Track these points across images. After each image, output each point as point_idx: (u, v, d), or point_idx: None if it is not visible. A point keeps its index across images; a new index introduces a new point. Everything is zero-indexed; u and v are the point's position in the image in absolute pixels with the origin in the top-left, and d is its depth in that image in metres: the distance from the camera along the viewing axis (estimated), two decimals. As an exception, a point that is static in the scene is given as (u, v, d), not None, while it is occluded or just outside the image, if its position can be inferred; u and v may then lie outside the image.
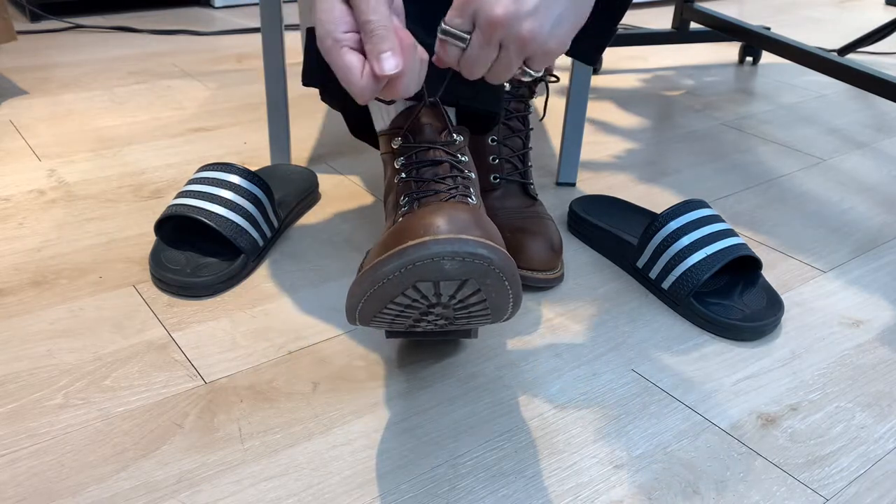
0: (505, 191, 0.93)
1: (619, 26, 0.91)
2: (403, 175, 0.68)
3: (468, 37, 0.58)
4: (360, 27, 0.59)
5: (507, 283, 0.57)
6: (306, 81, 0.77)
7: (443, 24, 0.58)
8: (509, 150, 0.93)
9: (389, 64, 0.58)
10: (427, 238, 0.55)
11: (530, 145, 0.95)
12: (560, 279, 0.88)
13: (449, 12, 0.58)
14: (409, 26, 0.66)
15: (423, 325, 0.64)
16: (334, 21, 0.58)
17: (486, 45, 0.58)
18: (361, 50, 0.58)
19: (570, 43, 0.60)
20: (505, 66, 0.60)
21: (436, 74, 0.69)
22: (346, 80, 0.59)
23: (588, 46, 0.92)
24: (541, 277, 0.86)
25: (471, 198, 0.67)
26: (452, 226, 0.56)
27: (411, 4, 0.67)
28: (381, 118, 0.72)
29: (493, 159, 0.92)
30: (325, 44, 0.58)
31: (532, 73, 0.62)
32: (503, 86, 0.86)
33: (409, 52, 0.58)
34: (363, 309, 0.60)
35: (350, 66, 0.58)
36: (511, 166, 0.93)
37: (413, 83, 0.60)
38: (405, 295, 0.57)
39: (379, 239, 0.62)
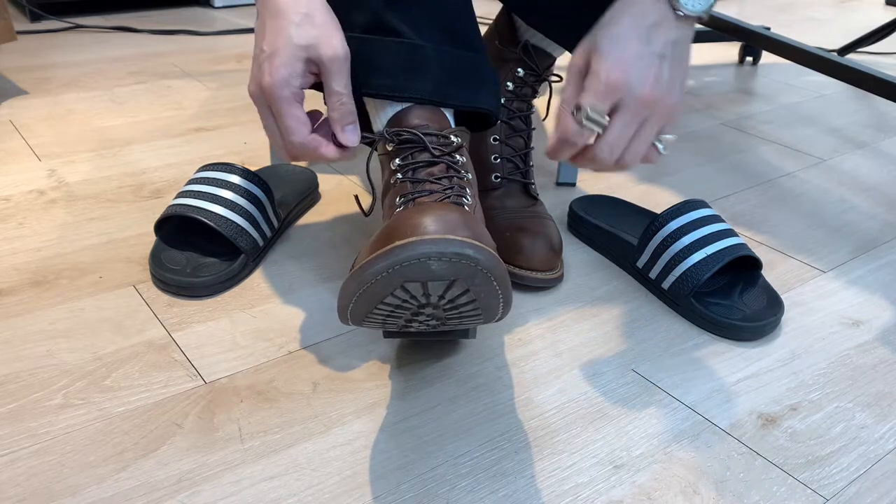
0: (506, 190, 0.93)
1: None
2: (399, 176, 0.68)
3: (606, 121, 0.62)
4: (327, 94, 0.65)
5: (495, 283, 0.57)
6: None
7: (587, 110, 0.61)
8: (511, 149, 0.93)
9: (353, 137, 0.66)
10: (414, 238, 0.55)
11: (532, 145, 0.95)
12: (560, 279, 0.88)
13: (588, 97, 0.61)
14: (401, 27, 0.67)
15: (415, 325, 0.64)
16: (297, 74, 0.63)
17: (630, 125, 0.62)
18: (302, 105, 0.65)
19: None
20: (644, 141, 0.64)
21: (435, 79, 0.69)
22: (291, 131, 0.65)
23: None
24: (540, 277, 0.86)
25: (466, 199, 0.67)
26: (440, 226, 0.55)
27: (410, 6, 0.67)
28: (379, 119, 0.72)
29: (495, 158, 0.92)
30: (282, 92, 0.63)
31: (669, 138, 0.66)
32: (499, 85, 0.86)
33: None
34: (354, 309, 0.60)
35: (302, 121, 0.65)
36: (512, 166, 0.93)
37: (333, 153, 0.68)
38: (394, 295, 0.57)
39: (370, 239, 0.62)
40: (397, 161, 0.68)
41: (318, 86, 0.68)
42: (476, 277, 0.56)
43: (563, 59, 1.69)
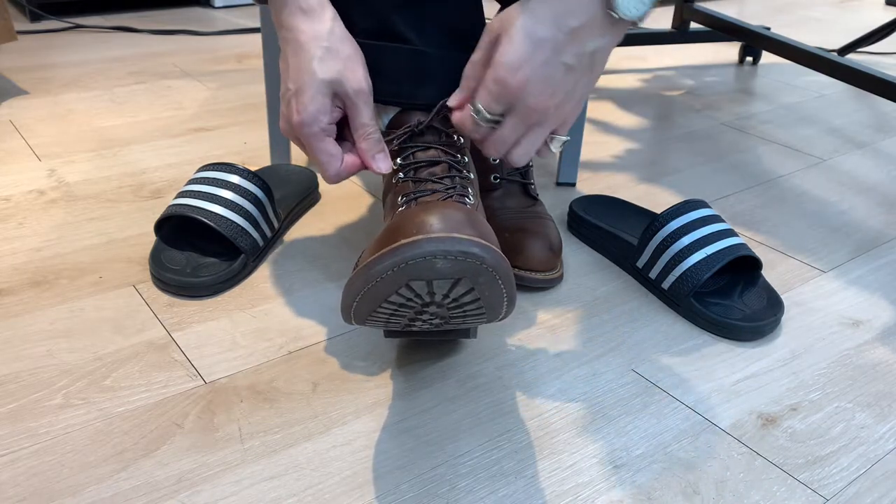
0: (505, 191, 0.93)
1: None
2: (401, 175, 0.68)
3: (501, 119, 0.63)
4: (353, 127, 0.66)
5: (500, 282, 0.57)
6: None
7: (482, 112, 0.62)
8: None
9: (386, 165, 0.67)
10: (420, 237, 0.55)
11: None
12: (559, 279, 0.88)
13: (483, 96, 0.62)
14: (407, 32, 0.67)
15: (418, 324, 0.64)
16: (323, 111, 0.64)
17: (518, 128, 0.63)
18: (333, 137, 0.66)
19: None
20: (533, 142, 0.64)
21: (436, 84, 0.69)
22: (325, 166, 0.67)
23: None
24: (540, 278, 0.86)
25: (468, 198, 0.67)
26: (445, 224, 0.55)
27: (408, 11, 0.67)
28: (381, 120, 0.72)
29: (494, 159, 0.92)
30: (311, 129, 0.64)
31: (561, 139, 0.66)
32: None
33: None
34: (357, 308, 0.59)
35: (333, 154, 0.66)
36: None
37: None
38: (399, 294, 0.57)
39: (374, 238, 0.62)
40: (399, 161, 0.68)
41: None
42: (481, 276, 0.56)
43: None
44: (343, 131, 0.69)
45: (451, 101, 0.66)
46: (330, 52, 0.63)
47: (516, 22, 0.58)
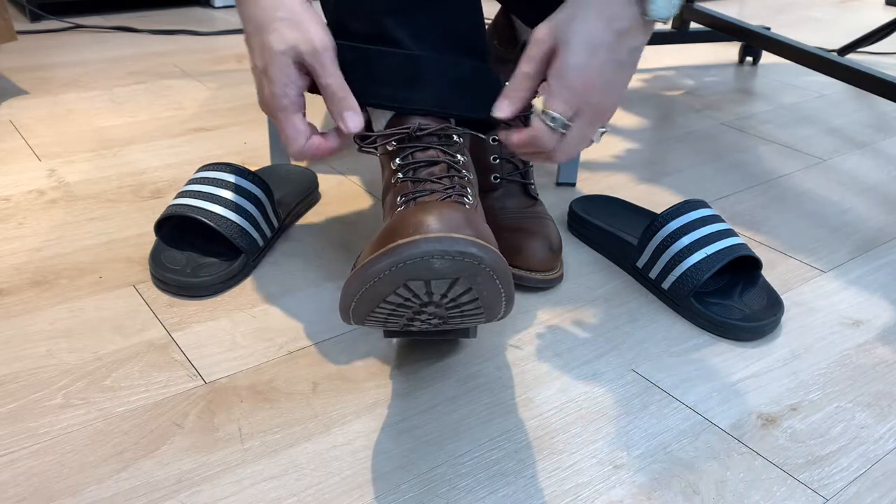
0: (505, 191, 0.93)
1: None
2: (400, 175, 0.68)
3: (570, 124, 0.65)
4: (320, 89, 0.66)
5: (498, 282, 0.57)
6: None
7: (555, 115, 0.64)
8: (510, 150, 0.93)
9: (355, 122, 0.66)
10: (417, 237, 0.55)
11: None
12: (559, 279, 0.88)
13: (557, 105, 0.64)
14: (401, 35, 0.67)
15: (416, 324, 0.64)
16: (288, 85, 0.64)
17: (585, 130, 0.66)
18: (303, 111, 0.66)
19: None
20: (588, 138, 0.68)
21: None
22: (289, 140, 0.67)
23: None
24: (539, 278, 0.86)
25: (467, 198, 0.67)
26: (443, 224, 0.56)
27: (428, 29, 0.67)
28: (378, 121, 0.72)
29: (494, 159, 0.92)
30: (277, 105, 0.65)
31: (603, 131, 0.69)
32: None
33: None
34: (356, 308, 0.60)
35: (300, 130, 0.66)
36: (512, 166, 0.93)
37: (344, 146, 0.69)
38: (397, 294, 0.57)
39: (372, 238, 0.62)
40: (398, 161, 0.68)
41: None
42: (479, 276, 0.56)
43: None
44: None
45: (502, 113, 0.68)
46: (285, 23, 0.64)
47: (573, 32, 0.62)
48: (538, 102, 0.67)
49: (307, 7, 0.66)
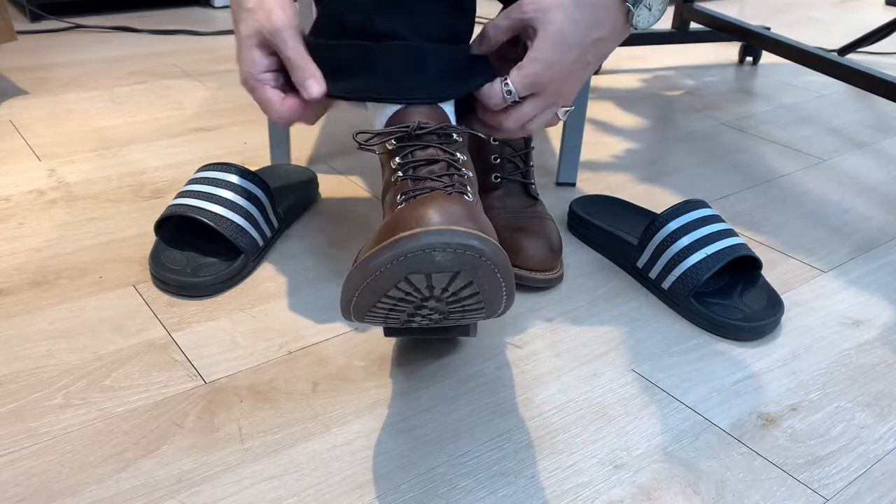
0: (506, 190, 0.93)
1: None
2: (400, 174, 0.68)
3: (524, 101, 0.70)
4: (284, 63, 0.70)
5: (499, 275, 0.57)
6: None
7: (512, 89, 0.69)
8: (511, 149, 0.93)
9: (314, 88, 0.69)
10: (419, 230, 0.55)
11: (532, 145, 0.95)
12: (559, 279, 0.88)
13: (517, 82, 0.69)
14: (395, 28, 0.68)
15: (417, 319, 0.64)
16: (253, 64, 0.70)
17: (539, 107, 0.71)
18: (277, 86, 0.71)
19: None
20: (548, 116, 0.73)
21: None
22: (267, 111, 0.72)
23: None
24: (539, 278, 0.86)
25: (467, 195, 0.67)
26: (444, 217, 0.56)
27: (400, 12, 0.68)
28: (378, 120, 0.72)
29: (495, 158, 0.92)
30: (249, 83, 0.71)
31: (568, 109, 0.74)
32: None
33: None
34: (357, 303, 0.60)
35: (270, 99, 0.70)
36: (512, 166, 0.93)
37: (319, 111, 0.75)
38: (398, 288, 0.57)
39: (373, 233, 0.62)
40: (397, 159, 0.68)
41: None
42: (480, 269, 0.56)
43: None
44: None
45: (473, 49, 0.72)
46: (251, 12, 0.69)
47: (552, 21, 0.66)
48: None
49: None
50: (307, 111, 0.73)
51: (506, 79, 0.69)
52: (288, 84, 0.72)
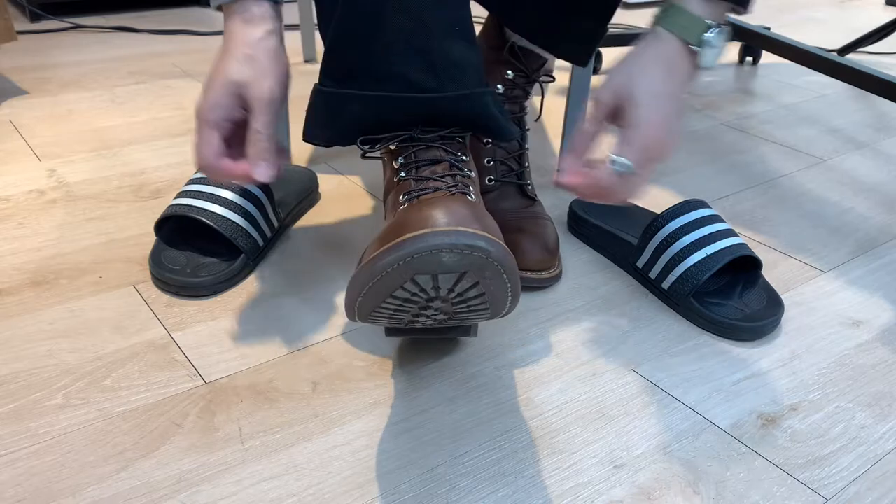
0: (501, 192, 0.92)
1: (610, 27, 0.93)
2: (402, 174, 0.68)
3: (640, 171, 0.67)
4: (248, 130, 0.67)
5: (505, 276, 0.57)
6: (307, 138, 0.77)
7: (628, 165, 0.66)
8: (504, 151, 0.93)
9: (263, 174, 0.67)
10: (425, 231, 0.55)
11: (527, 146, 0.95)
12: (556, 279, 0.88)
13: (626, 152, 0.66)
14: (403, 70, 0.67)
15: (421, 320, 0.64)
16: (220, 105, 0.67)
17: (650, 171, 0.68)
18: (224, 136, 0.68)
19: None
20: (646, 182, 0.70)
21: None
22: (197, 149, 0.68)
23: (577, 49, 0.92)
24: (535, 277, 0.86)
25: (470, 196, 0.67)
26: (451, 218, 0.56)
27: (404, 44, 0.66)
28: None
29: (488, 161, 0.92)
30: (204, 116, 0.67)
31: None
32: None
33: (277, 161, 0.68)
34: (362, 304, 0.59)
35: (211, 144, 0.67)
36: (506, 168, 0.93)
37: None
38: (404, 288, 0.57)
39: (377, 234, 0.62)
40: (400, 160, 0.68)
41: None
42: (486, 269, 0.56)
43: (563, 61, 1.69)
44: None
45: (565, 178, 0.70)
46: (248, 59, 0.66)
47: (638, 87, 0.66)
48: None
49: (278, 58, 0.68)
50: (238, 178, 0.70)
51: (612, 159, 0.67)
52: (235, 139, 0.69)
